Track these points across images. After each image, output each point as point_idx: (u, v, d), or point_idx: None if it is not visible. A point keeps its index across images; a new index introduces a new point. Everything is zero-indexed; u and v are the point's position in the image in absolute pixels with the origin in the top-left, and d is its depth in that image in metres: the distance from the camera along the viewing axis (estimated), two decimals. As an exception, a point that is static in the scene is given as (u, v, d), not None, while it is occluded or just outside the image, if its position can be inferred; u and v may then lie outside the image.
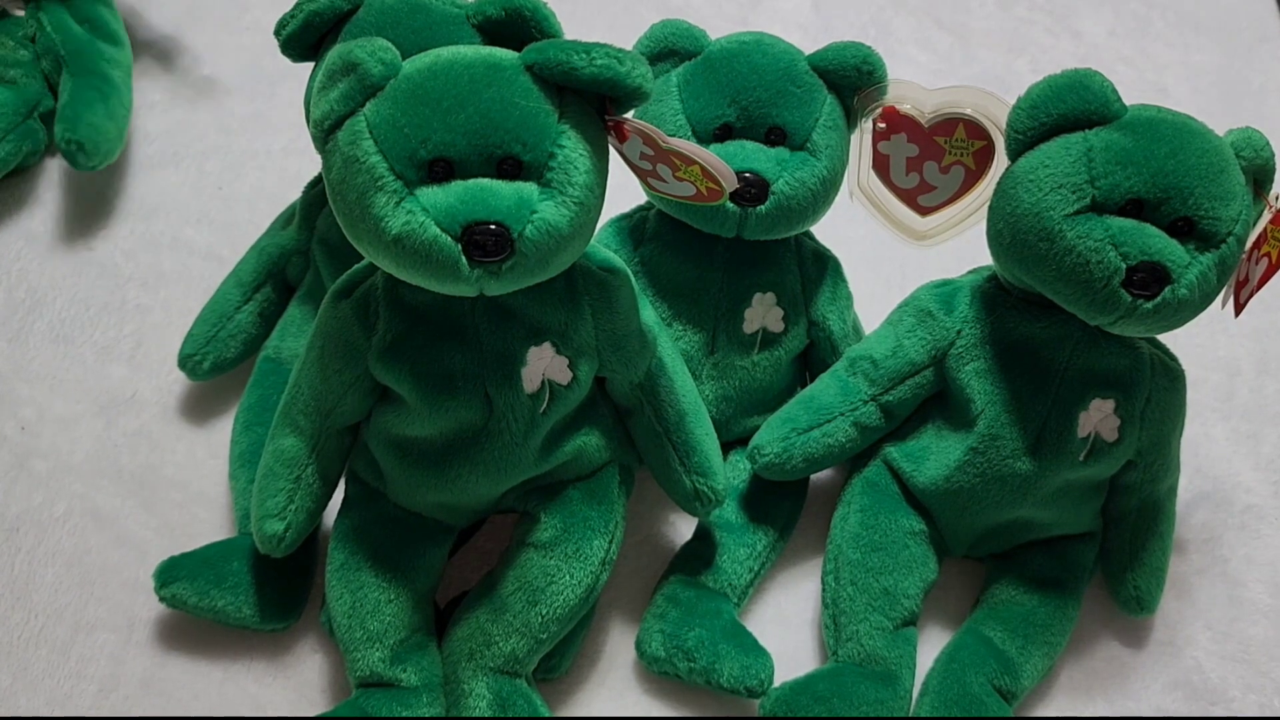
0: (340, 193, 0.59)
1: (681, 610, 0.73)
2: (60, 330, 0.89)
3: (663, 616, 0.73)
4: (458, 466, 0.67)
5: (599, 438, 0.71)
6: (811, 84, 0.74)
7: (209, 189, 0.99)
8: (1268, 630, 0.79)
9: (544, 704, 0.68)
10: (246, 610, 0.71)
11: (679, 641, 0.71)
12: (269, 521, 0.68)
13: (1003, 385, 0.72)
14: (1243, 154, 0.66)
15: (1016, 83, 0.70)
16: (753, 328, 0.78)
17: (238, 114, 1.05)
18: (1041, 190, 0.65)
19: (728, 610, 0.74)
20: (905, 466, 0.76)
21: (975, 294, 0.74)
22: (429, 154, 0.57)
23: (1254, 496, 0.86)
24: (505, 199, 0.57)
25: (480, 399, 0.65)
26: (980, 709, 0.70)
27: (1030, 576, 0.76)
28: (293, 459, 0.68)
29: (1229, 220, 0.65)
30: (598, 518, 0.71)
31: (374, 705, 0.66)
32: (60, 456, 0.82)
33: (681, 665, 0.71)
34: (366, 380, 0.66)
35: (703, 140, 0.73)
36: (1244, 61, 1.19)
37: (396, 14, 0.72)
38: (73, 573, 0.77)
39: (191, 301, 0.87)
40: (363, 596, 0.69)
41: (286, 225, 0.85)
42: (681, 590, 0.75)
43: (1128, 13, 1.23)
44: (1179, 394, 0.74)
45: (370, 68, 0.58)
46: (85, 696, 0.72)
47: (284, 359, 0.81)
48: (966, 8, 1.22)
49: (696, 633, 0.71)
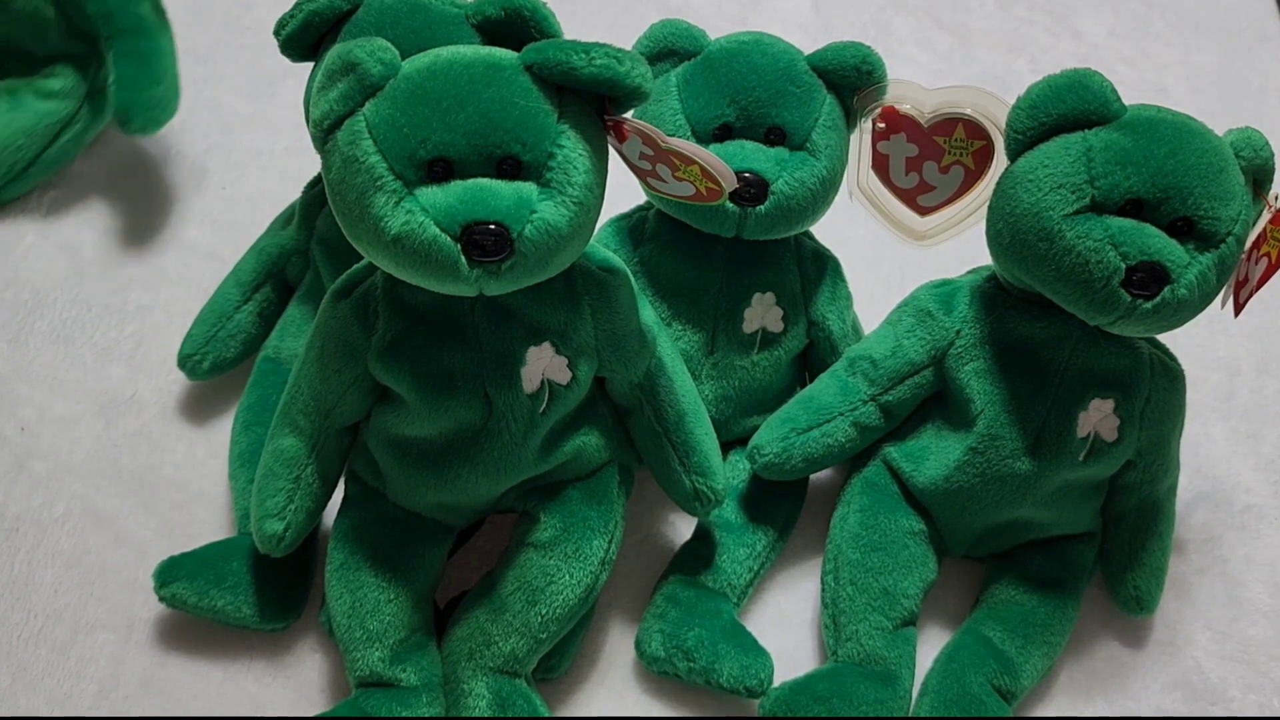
0: (340, 193, 0.59)
1: (681, 610, 0.73)
2: (61, 331, 0.89)
3: (662, 616, 0.73)
4: (457, 466, 0.67)
5: (598, 438, 0.71)
6: (811, 84, 0.74)
7: (211, 189, 0.99)
8: (1268, 630, 0.79)
9: (544, 704, 0.68)
10: (246, 610, 0.71)
11: (679, 641, 0.71)
12: (269, 521, 0.68)
13: (1002, 385, 0.72)
14: (1242, 154, 0.66)
15: (1016, 83, 0.70)
16: (752, 328, 0.78)
17: (240, 113, 1.05)
18: (1041, 190, 0.65)
19: (727, 610, 0.74)
20: (905, 466, 0.76)
21: (975, 294, 0.74)
22: (428, 154, 0.57)
23: (1254, 496, 0.86)
24: (505, 199, 0.57)
25: (480, 399, 0.65)
26: (980, 709, 0.70)
27: (1030, 576, 0.76)
28: (292, 459, 0.68)
29: (1228, 220, 0.65)
30: (597, 518, 0.71)
31: (374, 705, 0.66)
32: (60, 457, 0.82)
33: (681, 665, 0.71)
34: (366, 380, 0.66)
35: (702, 140, 0.73)
36: (1244, 61, 1.19)
37: (396, 14, 0.72)
38: (72, 573, 0.77)
39: (192, 302, 0.87)
40: (362, 596, 0.69)
41: (286, 225, 0.85)
42: (681, 590, 0.75)
43: (1128, 13, 1.23)
44: (1179, 394, 0.73)
45: (369, 68, 0.58)
46: (85, 696, 0.72)
47: (284, 359, 0.81)
48: (966, 8, 1.22)
49: (696, 632, 0.71)
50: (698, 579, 0.76)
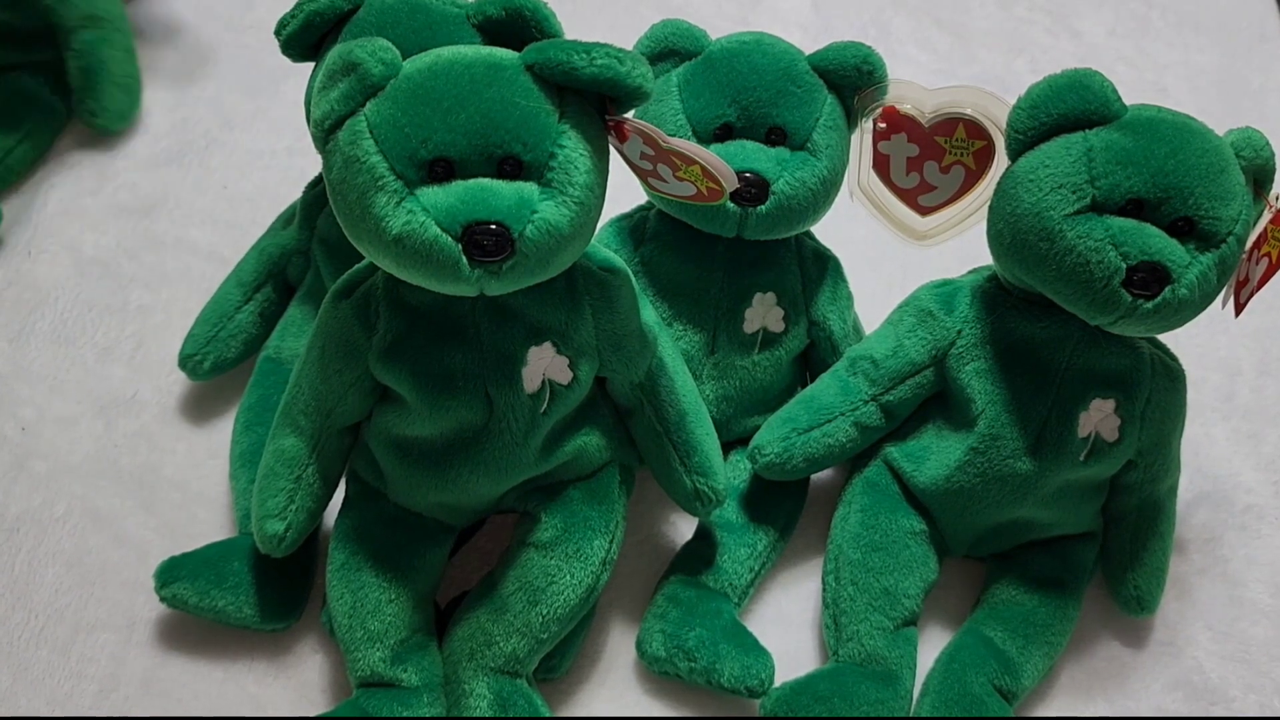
0: (341, 193, 0.59)
1: (682, 610, 0.73)
2: (61, 331, 0.89)
3: (663, 616, 0.73)
4: (458, 466, 0.67)
5: (599, 438, 0.71)
6: (811, 84, 0.74)
7: (213, 188, 0.99)
8: (1268, 630, 0.79)
9: (544, 704, 0.68)
10: (247, 610, 0.71)
11: (679, 641, 0.71)
12: (269, 521, 0.68)
13: (1003, 385, 0.72)
14: (1243, 154, 0.66)
15: (1016, 83, 0.70)
16: (753, 327, 0.78)
17: (242, 113, 1.05)
18: (1041, 190, 0.65)
19: (728, 610, 0.74)
20: (905, 466, 0.76)
21: (975, 294, 0.74)
22: (429, 154, 0.57)
23: (1254, 496, 0.86)
24: (506, 199, 0.57)
25: (481, 399, 0.65)
26: (981, 709, 0.70)
27: (1031, 577, 0.76)
28: (293, 459, 0.68)
29: (1229, 220, 0.65)
30: (598, 518, 0.71)
31: (374, 705, 0.66)
32: (60, 457, 0.82)
33: (682, 665, 0.71)
34: (367, 380, 0.66)
35: (703, 140, 0.74)
36: (1244, 61, 1.19)
37: (396, 14, 0.72)
38: (73, 573, 0.77)
39: (193, 302, 0.87)
40: (363, 596, 0.69)
41: (287, 225, 0.85)
42: (682, 590, 0.75)
43: (1128, 13, 1.23)
44: (1179, 394, 0.74)
45: (371, 68, 0.58)
46: (85, 697, 0.72)
47: (284, 359, 0.82)
48: (966, 8, 1.22)
49: (697, 632, 0.71)
50: (699, 579, 0.76)
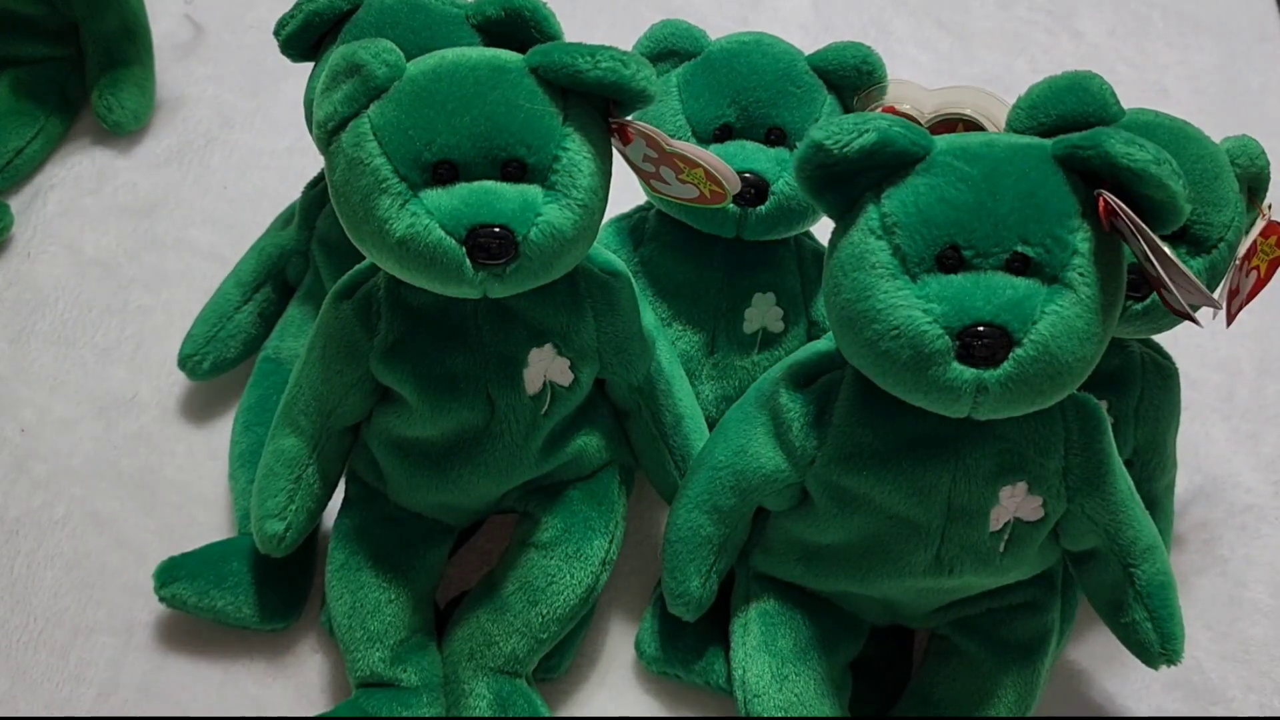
0: (344, 194, 0.59)
1: (682, 611, 0.73)
2: (61, 332, 0.89)
3: (662, 616, 0.73)
4: (459, 467, 0.67)
5: (599, 439, 0.71)
6: (811, 84, 0.74)
7: (214, 188, 0.99)
8: (1268, 630, 0.79)
9: (544, 704, 0.68)
10: (246, 610, 0.71)
11: (678, 641, 0.71)
12: (269, 521, 0.68)
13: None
14: (1238, 161, 0.66)
15: (1016, 83, 0.70)
16: (752, 328, 0.78)
17: (242, 113, 1.05)
18: None
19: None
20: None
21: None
22: (433, 156, 0.57)
23: (1254, 496, 0.86)
24: (510, 202, 0.57)
25: (482, 400, 0.65)
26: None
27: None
28: (293, 459, 0.68)
29: (1221, 226, 0.65)
30: (598, 518, 0.71)
31: (374, 705, 0.66)
32: (60, 459, 0.82)
33: (681, 665, 0.71)
34: (368, 381, 0.66)
35: (703, 140, 0.74)
36: (1244, 61, 1.19)
37: (396, 14, 0.72)
38: (72, 576, 0.77)
39: (194, 303, 0.86)
40: (363, 596, 0.69)
41: (286, 225, 0.85)
42: (682, 591, 0.75)
43: (1128, 13, 1.23)
44: (1173, 391, 0.73)
45: (375, 70, 0.57)
46: (84, 700, 0.72)
47: (284, 359, 0.81)
48: (966, 8, 1.22)
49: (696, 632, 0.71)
50: (699, 580, 0.76)
